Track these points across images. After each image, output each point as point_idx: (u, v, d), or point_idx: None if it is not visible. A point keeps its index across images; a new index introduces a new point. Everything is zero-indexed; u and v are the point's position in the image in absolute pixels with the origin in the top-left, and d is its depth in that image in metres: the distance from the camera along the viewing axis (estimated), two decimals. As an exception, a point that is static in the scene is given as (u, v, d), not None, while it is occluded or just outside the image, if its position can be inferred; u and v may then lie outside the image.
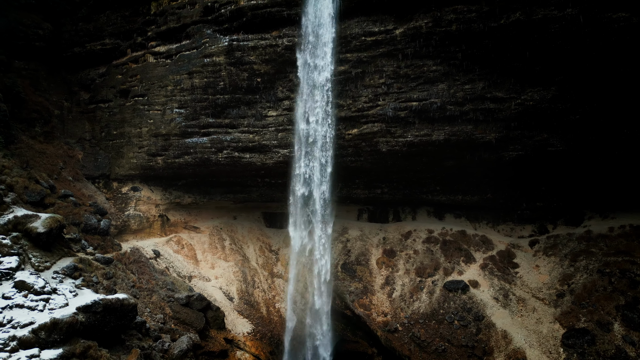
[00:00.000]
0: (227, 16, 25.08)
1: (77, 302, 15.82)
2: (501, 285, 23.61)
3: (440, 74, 22.59)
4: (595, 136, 22.75)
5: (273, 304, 26.15)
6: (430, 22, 21.29)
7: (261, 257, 29.45)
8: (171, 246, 27.21)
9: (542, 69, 21.22)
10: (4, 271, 16.38)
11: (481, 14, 20.38)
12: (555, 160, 24.25)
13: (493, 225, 28.94)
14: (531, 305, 22.35)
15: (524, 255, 25.75)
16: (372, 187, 29.37)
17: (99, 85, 31.00)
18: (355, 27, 22.76)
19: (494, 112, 22.80)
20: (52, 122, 29.56)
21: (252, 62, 24.90)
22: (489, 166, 25.23)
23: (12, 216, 18.88)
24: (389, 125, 23.92)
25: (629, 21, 18.62)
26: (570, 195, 26.85)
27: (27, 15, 30.45)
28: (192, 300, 22.34)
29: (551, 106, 22.02)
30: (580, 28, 19.27)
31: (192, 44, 26.62)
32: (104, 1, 30.47)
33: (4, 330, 14.03)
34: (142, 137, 28.29)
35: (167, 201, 29.93)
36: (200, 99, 26.48)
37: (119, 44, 30.60)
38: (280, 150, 26.36)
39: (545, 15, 19.48)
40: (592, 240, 24.51)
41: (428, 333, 21.86)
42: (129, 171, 29.03)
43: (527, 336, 20.65)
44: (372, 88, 23.70)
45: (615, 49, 19.37)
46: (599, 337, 19.62)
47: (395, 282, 25.47)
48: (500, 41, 20.75)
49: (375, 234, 29.34)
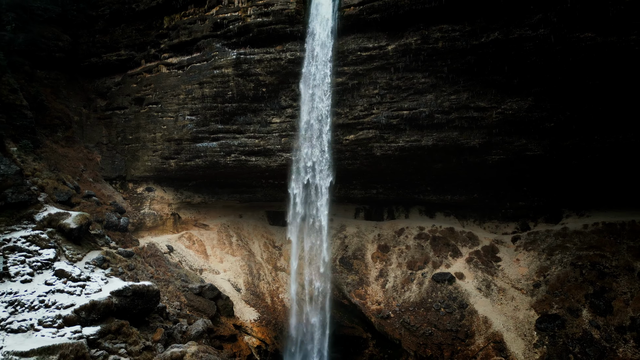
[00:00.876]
0: (235, 31, 27.46)
1: (109, 288, 18.24)
2: (484, 277, 26.01)
3: (428, 86, 24.96)
4: (568, 142, 25.07)
5: (277, 295, 28.57)
6: (419, 40, 23.65)
7: (265, 252, 31.86)
8: (183, 242, 29.60)
9: (519, 81, 23.57)
10: (44, 261, 18.79)
11: (464, 33, 22.74)
12: (534, 164, 26.59)
13: (479, 223, 31.32)
14: (510, 294, 24.75)
15: (506, 250, 28.15)
16: (368, 187, 31.74)
17: (115, 93, 33.40)
18: (351, 43, 25.13)
19: (477, 120, 25.15)
20: (72, 128, 31.96)
21: (258, 73, 27.30)
22: (474, 169, 27.60)
23: (46, 214, 21.29)
24: (383, 132, 26.31)
25: (594, 40, 20.94)
26: (549, 195, 29.22)
27: (49, 29, 32.84)
28: (204, 290, 24.75)
29: (528, 115, 24.36)
30: (551, 46, 21.59)
31: (202, 56, 29.00)
32: (120, 15, 32.86)
33: (50, 310, 16.46)
34: (156, 142, 30.69)
35: (178, 201, 32.34)
36: (210, 107, 28.86)
37: (134, 55, 33.00)
38: (283, 154, 28.74)
39: (521, 34, 21.81)
40: (568, 236, 26.89)
41: (417, 319, 24.26)
42: (144, 173, 31.43)
43: (505, 321, 23.05)
44: (367, 98, 26.08)
45: (583, 64, 21.69)
46: (568, 321, 22.02)
47: (388, 275, 27.90)
48: (482, 57, 23.09)
49: (370, 231, 31.74)
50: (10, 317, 15.77)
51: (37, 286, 17.41)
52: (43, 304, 16.59)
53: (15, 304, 16.29)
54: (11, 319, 15.67)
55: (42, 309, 16.46)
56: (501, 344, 21.79)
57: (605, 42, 20.69)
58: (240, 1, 27.66)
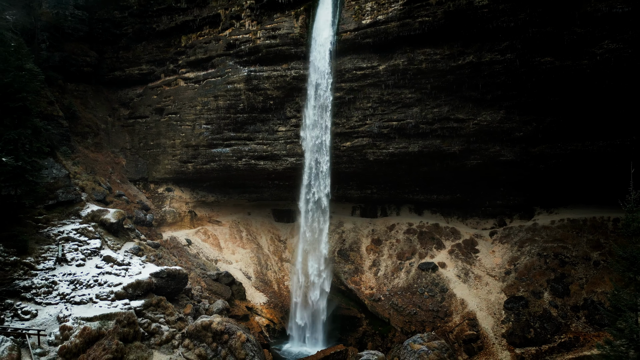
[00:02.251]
0: (246, 51, 31.34)
1: (147, 271, 22.16)
2: (463, 266, 29.88)
3: (414, 100, 28.82)
4: (536, 149, 28.87)
5: (283, 282, 32.44)
6: (406, 61, 27.49)
7: (272, 246, 35.74)
8: (199, 236, 33.49)
9: (492, 97, 27.42)
10: (92, 249, 22.72)
11: (444, 56, 26.58)
12: (507, 167, 30.42)
13: (462, 219, 35.15)
14: (485, 280, 28.61)
15: (484, 243, 32.01)
16: (363, 188, 35.59)
17: (137, 104, 37.29)
18: (348, 63, 28.98)
19: (457, 130, 28.99)
20: (100, 135, 35.85)
21: (266, 88, 31.18)
22: (455, 172, 31.45)
23: (89, 210, 25.23)
24: (375, 140, 30.18)
25: (553, 64, 24.76)
26: (523, 194, 33.04)
27: (78, 46, 36.72)
28: (220, 277, 28.65)
29: (500, 125, 28.19)
30: (517, 68, 25.41)
31: (217, 72, 32.89)
32: (141, 34, 36.74)
33: (103, 287, 20.39)
34: (176, 147, 34.58)
35: (194, 199, 36.24)
36: (224, 117, 32.74)
37: (154, 69, 36.89)
38: (288, 159, 32.60)
39: (491, 58, 25.63)
40: (537, 230, 30.75)
41: (404, 301, 28.11)
42: (164, 175, 35.33)
43: (479, 303, 26.90)
44: (361, 110, 29.95)
45: (544, 84, 25.51)
46: (531, 302, 25.89)
47: (380, 264, 31.77)
48: (459, 76, 26.91)
49: (365, 226, 35.63)
50: (72, 292, 19.74)
51: (89, 269, 21.37)
52: (97, 283, 20.53)
53: (75, 282, 20.24)
54: (73, 294, 19.63)
55: (97, 286, 20.41)
56: (474, 321, 25.64)
57: (562, 65, 24.49)
58: (250, 24, 31.57)
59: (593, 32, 23.12)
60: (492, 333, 24.91)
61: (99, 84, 38.32)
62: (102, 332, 17.54)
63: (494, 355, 23.49)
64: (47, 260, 20.73)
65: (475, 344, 24.49)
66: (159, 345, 19.37)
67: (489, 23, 24.50)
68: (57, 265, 20.83)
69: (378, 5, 27.37)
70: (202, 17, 33.93)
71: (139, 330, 18.89)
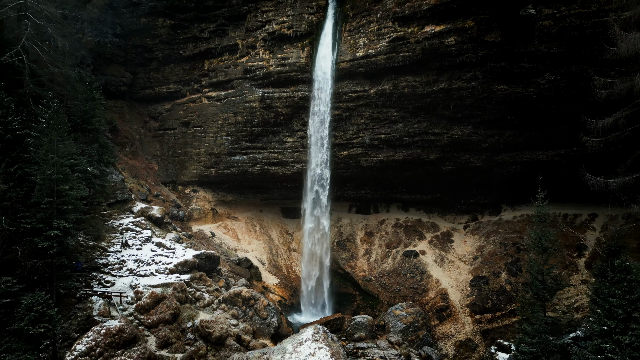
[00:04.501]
0: (261, 76, 37.80)
1: (190, 253, 28.66)
2: (440, 253, 36.35)
3: (398, 117, 35.26)
4: (499, 157, 35.27)
5: (291, 267, 38.90)
6: (391, 86, 33.92)
7: (281, 238, 42.22)
8: (221, 229, 39.97)
9: (461, 115, 33.85)
10: (146, 237, 29.20)
11: (422, 83, 32.99)
12: (477, 172, 36.86)
13: (441, 215, 41.61)
14: (457, 264, 35.08)
15: (458, 234, 38.47)
16: (358, 189, 42.03)
17: (166, 117, 43.78)
18: (344, 87, 35.40)
19: (434, 142, 35.43)
20: (135, 144, 42.34)
21: (277, 106, 37.64)
22: (434, 175, 37.88)
23: (139, 207, 31.74)
24: (367, 150, 36.63)
25: (507, 91, 31.13)
26: (492, 194, 39.46)
27: (116, 68, 43.21)
28: (241, 261, 35.14)
29: (469, 138, 34.61)
30: (479, 94, 31.80)
31: (236, 92, 39.36)
32: (169, 58, 43.20)
33: (159, 265, 26.89)
34: (200, 155, 41.07)
35: (215, 199, 42.74)
36: (242, 130, 39.21)
37: (180, 88, 43.37)
38: (295, 165, 39.05)
39: (459, 85, 32.03)
40: (501, 224, 37.21)
41: (390, 281, 34.60)
42: (190, 178, 41.83)
43: (450, 282, 33.38)
44: (355, 125, 36.41)
45: (501, 106, 31.87)
46: (491, 280, 32.36)
47: (372, 252, 38.25)
48: (434, 99, 33.33)
49: (360, 221, 42.10)
50: (137, 268, 26.25)
51: (146, 252, 27.88)
52: (154, 262, 27.05)
53: (138, 261, 26.75)
54: (138, 269, 26.15)
55: (154, 264, 26.92)
56: (445, 295, 32.08)
57: (514, 92, 30.89)
58: (264, 53, 38.05)
59: (537, 66, 29.50)
60: (458, 304, 31.41)
61: (133, 100, 44.80)
62: (164, 295, 24.02)
63: (459, 320, 29.99)
64: (115, 245, 27.23)
65: (445, 312, 30.99)
66: (202, 307, 25.86)
67: (456, 58, 30.94)
68: (122, 248, 27.34)
69: (369, 41, 33.86)
70: (223, 45, 40.43)
71: (188, 296, 25.38)
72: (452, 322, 30.14)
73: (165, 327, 22.69)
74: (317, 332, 21.51)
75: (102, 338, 19.81)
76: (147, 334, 22.22)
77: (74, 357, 18.92)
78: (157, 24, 41.96)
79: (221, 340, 23.07)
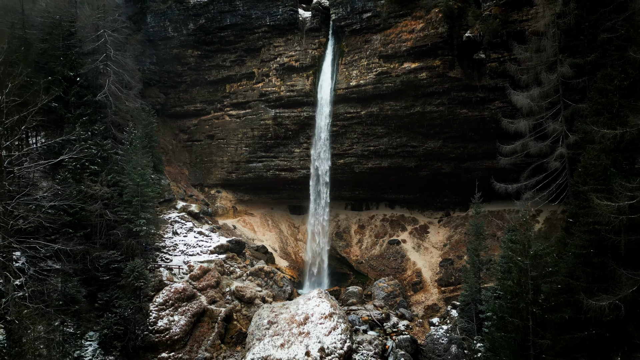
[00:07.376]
0: (273, 99, 46.78)
1: (223, 239, 37.68)
2: (417, 242, 45.38)
3: (384, 133, 44.27)
4: (465, 164, 44.26)
5: (298, 254, 47.88)
6: (378, 109, 42.89)
7: (289, 230, 51.21)
8: (240, 224, 48.95)
9: (433, 132, 42.87)
10: (189, 228, 38.24)
11: (402, 107, 41.96)
12: (447, 177, 45.86)
13: (421, 212, 50.54)
14: (430, 250, 44.09)
15: (433, 227, 47.47)
16: (353, 190, 51.01)
17: (193, 131, 52.76)
18: (341, 109, 44.38)
19: (412, 152, 44.43)
20: (169, 153, 51.29)
21: (287, 124, 46.65)
22: (413, 179, 46.89)
23: (181, 205, 40.78)
24: (359, 159, 45.65)
25: (467, 114, 40.12)
26: (461, 194, 48.38)
27: (152, 90, 52.14)
28: (259, 247, 44.16)
29: (440, 150, 43.59)
30: (446, 116, 40.80)
31: (252, 112, 48.34)
32: (196, 82, 52.12)
33: (202, 248, 35.92)
34: (223, 163, 50.07)
35: (235, 198, 51.73)
36: (258, 142, 48.19)
37: (205, 107, 52.34)
38: (301, 170, 48.02)
39: (431, 109, 40.99)
40: (467, 219, 46.17)
41: (377, 263, 43.60)
42: (215, 181, 50.82)
43: (424, 263, 42.38)
44: (350, 139, 45.42)
45: (463, 125, 40.84)
46: (455, 261, 41.38)
47: (363, 241, 47.27)
48: (412, 119, 42.31)
49: (354, 217, 51.12)
50: (187, 249, 35.30)
51: (191, 238, 36.92)
52: (197, 245, 36.09)
53: (186, 244, 35.80)
54: (187, 250, 35.19)
55: (198, 247, 35.95)
56: (420, 273, 41.07)
57: (473, 114, 39.85)
58: (276, 80, 47.02)
59: (489, 96, 38.41)
60: (429, 280, 40.47)
61: (165, 116, 53.71)
62: (209, 268, 33.01)
63: (428, 291, 39.05)
64: (168, 233, 36.23)
65: (418, 285, 40.04)
66: (235, 278, 34.85)
67: (427, 89, 39.94)
68: (173, 235, 36.34)
69: (360, 73, 42.88)
70: (242, 73, 49.40)
71: (225, 270, 34.39)
72: (424, 292, 39.21)
73: (212, 290, 31.73)
74: (321, 292, 30.56)
75: (172, 294, 28.83)
76: (199, 294, 31.22)
77: (156, 305, 27.96)
78: (187, 54, 50.82)
79: (251, 300, 32.10)
